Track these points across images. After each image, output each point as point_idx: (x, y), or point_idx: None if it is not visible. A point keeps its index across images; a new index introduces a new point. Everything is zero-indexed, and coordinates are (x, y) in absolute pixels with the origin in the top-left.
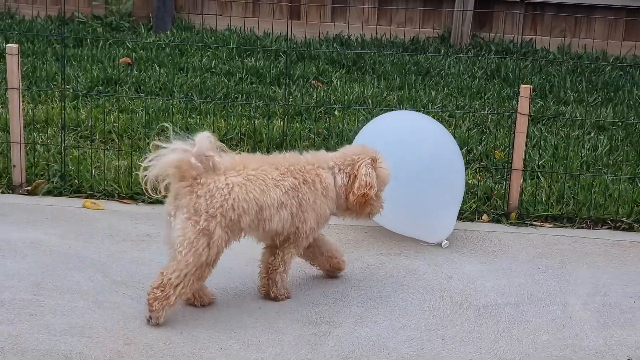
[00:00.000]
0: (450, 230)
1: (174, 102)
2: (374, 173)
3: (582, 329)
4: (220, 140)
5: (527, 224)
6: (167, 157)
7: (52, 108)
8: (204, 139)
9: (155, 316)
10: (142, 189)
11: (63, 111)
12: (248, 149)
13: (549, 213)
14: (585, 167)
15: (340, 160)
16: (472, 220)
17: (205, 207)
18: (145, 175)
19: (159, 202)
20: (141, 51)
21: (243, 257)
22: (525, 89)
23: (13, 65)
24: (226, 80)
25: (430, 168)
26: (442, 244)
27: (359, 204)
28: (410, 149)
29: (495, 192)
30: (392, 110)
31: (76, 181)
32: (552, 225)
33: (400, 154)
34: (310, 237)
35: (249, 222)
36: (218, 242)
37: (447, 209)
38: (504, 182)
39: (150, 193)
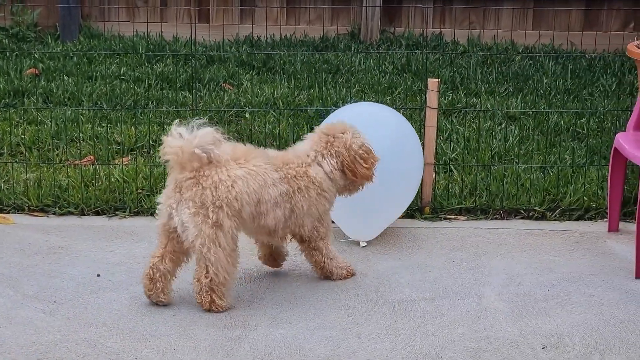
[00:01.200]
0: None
1: (83, 112)
2: (362, 139)
3: (497, 320)
4: (131, 149)
5: (441, 217)
6: (168, 142)
7: None
8: (208, 131)
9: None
10: (52, 201)
11: None
12: (159, 156)
13: (463, 206)
14: (497, 158)
15: (315, 145)
16: None
17: (212, 199)
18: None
19: (71, 213)
20: (48, 61)
21: None
22: (433, 83)
23: None
24: (135, 87)
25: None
26: (360, 244)
27: (369, 176)
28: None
29: None
30: (301, 109)
31: None
32: (466, 218)
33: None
34: (322, 229)
35: (249, 213)
36: (231, 231)
37: (395, 206)
38: None
39: None
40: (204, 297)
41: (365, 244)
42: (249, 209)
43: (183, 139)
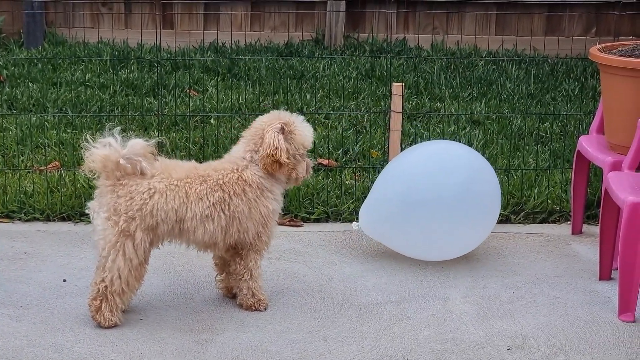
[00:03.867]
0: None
1: (48, 118)
2: (281, 136)
3: (463, 322)
4: None
5: None
6: (94, 152)
7: None
8: (137, 143)
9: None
10: (18, 206)
11: None
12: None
13: None
14: None
15: (250, 142)
16: (351, 221)
17: (125, 209)
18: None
19: (36, 219)
20: (12, 68)
21: None
22: (397, 87)
23: None
24: (100, 94)
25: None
26: (353, 225)
27: (268, 167)
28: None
29: None
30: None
31: None
32: None
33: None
34: (264, 238)
35: (167, 231)
36: (142, 244)
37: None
38: None
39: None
40: (93, 302)
41: (358, 226)
42: (166, 227)
43: (110, 148)
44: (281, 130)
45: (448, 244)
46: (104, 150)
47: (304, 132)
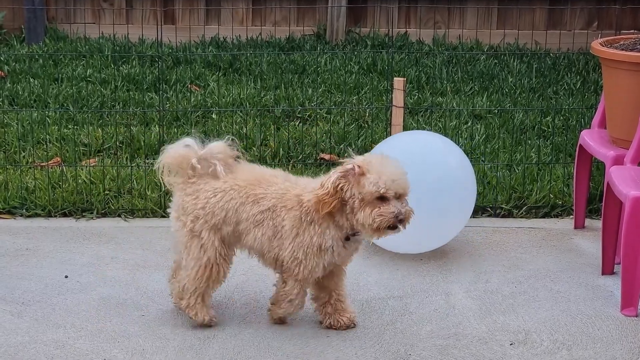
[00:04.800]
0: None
1: (50, 114)
2: (337, 176)
3: (465, 317)
4: (98, 150)
5: None
6: (172, 149)
7: None
8: (216, 146)
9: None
10: (19, 202)
11: None
12: (126, 157)
13: None
14: None
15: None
16: None
17: (191, 207)
18: (158, 164)
19: (38, 215)
20: (14, 63)
21: (127, 264)
22: (398, 82)
23: None
24: (102, 89)
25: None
26: None
27: (312, 204)
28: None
29: None
30: (268, 109)
31: None
32: None
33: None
34: (301, 268)
35: (231, 232)
36: (209, 243)
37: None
38: None
39: (165, 183)
40: (180, 301)
41: None
42: (228, 228)
43: (189, 148)
44: (350, 172)
45: (422, 236)
46: (182, 149)
47: (379, 177)
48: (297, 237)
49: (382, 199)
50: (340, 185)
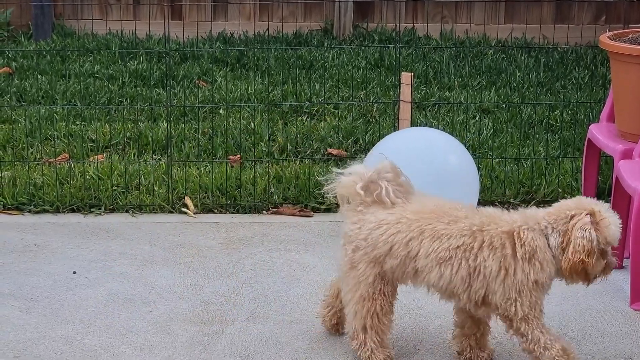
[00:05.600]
0: None
1: (57, 110)
2: (593, 233)
3: None
4: (106, 146)
5: None
6: (341, 179)
7: None
8: (385, 165)
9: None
10: (27, 199)
11: None
12: (134, 153)
13: None
14: (471, 151)
15: (554, 216)
16: None
17: (354, 236)
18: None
19: (46, 211)
20: (22, 60)
21: (135, 260)
22: (406, 77)
23: None
24: (109, 85)
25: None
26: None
27: (574, 271)
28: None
29: None
30: (276, 104)
31: None
32: None
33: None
34: (518, 306)
35: (396, 267)
36: (365, 276)
37: None
38: None
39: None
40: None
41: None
42: (394, 262)
43: (355, 175)
44: (589, 222)
45: None
46: (350, 177)
47: (612, 224)
48: (507, 278)
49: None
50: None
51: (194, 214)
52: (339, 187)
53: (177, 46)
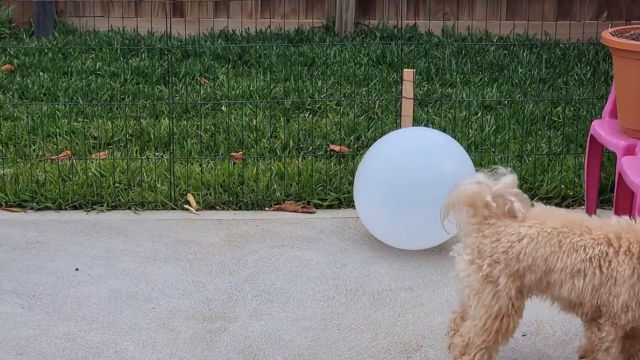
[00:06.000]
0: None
1: (59, 107)
2: None
3: None
4: (108, 143)
5: None
6: (463, 187)
7: None
8: (511, 180)
9: None
10: (30, 196)
11: None
12: (136, 150)
13: None
14: (473, 148)
15: None
16: None
17: (490, 251)
18: (447, 202)
19: (48, 208)
20: (23, 57)
21: (138, 257)
22: (408, 73)
23: None
24: (111, 82)
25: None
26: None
27: None
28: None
29: None
30: (278, 101)
31: None
32: None
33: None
34: (629, 315)
35: (535, 281)
36: (505, 291)
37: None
38: None
39: (444, 227)
40: (461, 357)
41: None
42: (534, 276)
43: (481, 185)
44: None
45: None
46: (475, 186)
47: None
48: (636, 285)
49: None
50: None
51: (197, 210)
52: (462, 196)
53: (179, 43)
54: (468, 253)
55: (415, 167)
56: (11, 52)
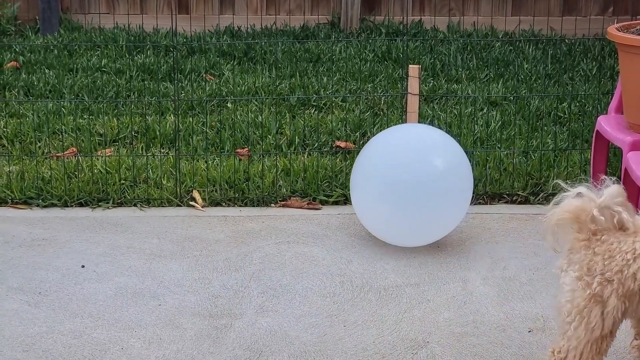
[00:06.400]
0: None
1: (65, 104)
2: None
3: (483, 304)
4: (113, 140)
5: None
6: (566, 202)
7: None
8: (615, 190)
9: None
10: (35, 193)
11: None
12: (142, 146)
13: None
14: (479, 143)
15: None
16: None
17: (602, 269)
18: (546, 221)
19: (54, 205)
20: (29, 54)
21: (144, 253)
22: (413, 69)
23: None
24: (117, 79)
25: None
26: None
27: None
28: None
29: None
30: (283, 97)
31: None
32: None
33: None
34: None
35: (638, 303)
36: (613, 312)
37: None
38: None
39: (551, 246)
40: None
41: None
42: None
43: (584, 198)
44: None
45: (421, 228)
46: (577, 200)
47: None
48: None
49: None
50: None
51: (202, 207)
52: (565, 212)
53: (185, 40)
54: (576, 270)
55: (406, 163)
56: (17, 49)
